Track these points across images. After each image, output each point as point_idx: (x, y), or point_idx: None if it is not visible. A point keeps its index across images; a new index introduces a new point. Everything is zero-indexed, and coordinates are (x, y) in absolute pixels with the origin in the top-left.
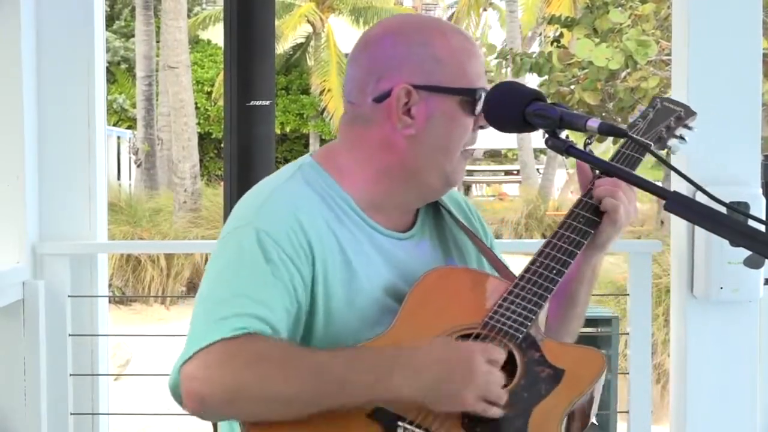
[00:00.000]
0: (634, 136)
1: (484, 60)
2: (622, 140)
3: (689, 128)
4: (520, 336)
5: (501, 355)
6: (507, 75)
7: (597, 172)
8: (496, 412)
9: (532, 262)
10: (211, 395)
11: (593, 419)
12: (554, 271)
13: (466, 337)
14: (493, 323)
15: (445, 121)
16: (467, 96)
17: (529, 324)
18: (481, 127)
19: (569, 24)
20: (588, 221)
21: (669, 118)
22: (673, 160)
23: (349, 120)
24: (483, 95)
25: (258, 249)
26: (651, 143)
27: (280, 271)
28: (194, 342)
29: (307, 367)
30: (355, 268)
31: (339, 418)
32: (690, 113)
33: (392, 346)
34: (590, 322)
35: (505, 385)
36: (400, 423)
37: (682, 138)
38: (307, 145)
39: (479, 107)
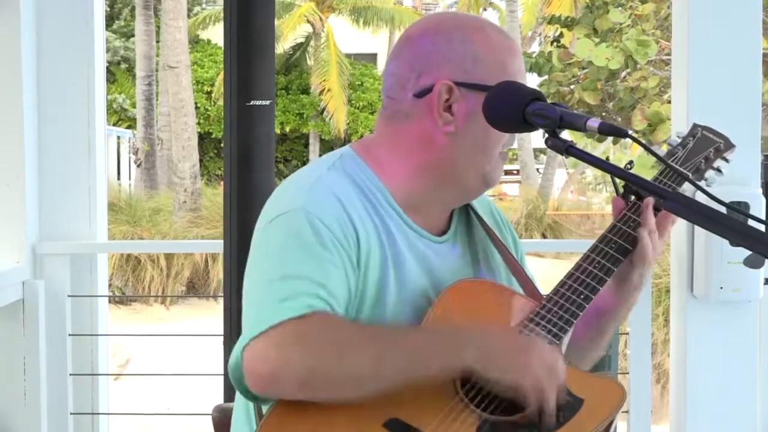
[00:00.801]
0: (634, 135)
1: (523, 59)
2: (659, 169)
3: (727, 161)
4: None
5: (563, 367)
6: None
7: (633, 198)
8: (547, 408)
9: (561, 285)
10: (287, 376)
11: None
12: (582, 297)
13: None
14: None
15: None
16: None
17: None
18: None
19: (569, 24)
20: (620, 248)
21: (709, 149)
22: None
23: (388, 115)
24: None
25: (311, 232)
26: (689, 174)
27: (334, 255)
28: (259, 322)
29: (381, 343)
30: (389, 266)
31: (353, 425)
32: (729, 146)
33: (462, 326)
34: None
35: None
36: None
37: (719, 170)
38: (307, 145)
39: None
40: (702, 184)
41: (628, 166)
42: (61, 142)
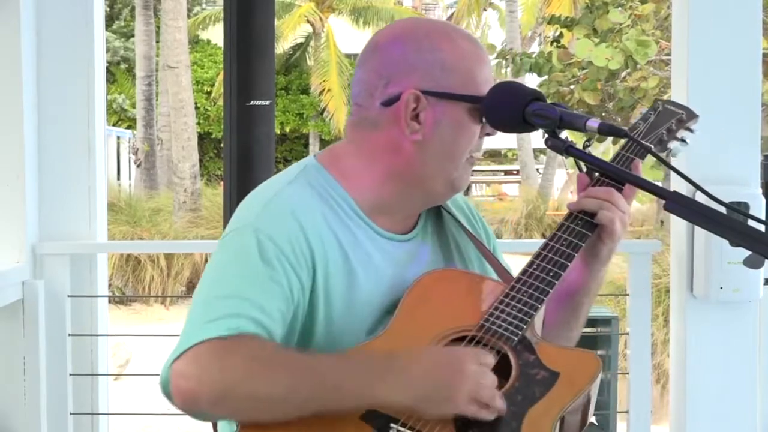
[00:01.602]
0: (635, 137)
1: (492, 67)
2: (622, 142)
3: (691, 131)
4: (516, 339)
5: (490, 359)
6: (507, 75)
7: (596, 175)
8: (488, 414)
9: (529, 265)
10: (201, 393)
11: (593, 420)
12: (551, 274)
13: (462, 339)
14: (488, 326)
15: (453, 127)
16: (475, 103)
17: (524, 327)
18: (488, 134)
19: (569, 24)
20: (586, 224)
21: (670, 120)
22: (673, 161)
23: (356, 122)
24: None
25: (257, 251)
26: (651, 146)
27: (279, 274)
28: (186, 340)
29: (298, 369)
30: (356, 271)
31: (331, 420)
32: (692, 116)
33: (384, 352)
34: (590, 322)
35: (500, 388)
36: (392, 425)
37: (683, 140)
38: (306, 145)
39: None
40: (667, 155)
41: (587, 144)
42: (61, 143)
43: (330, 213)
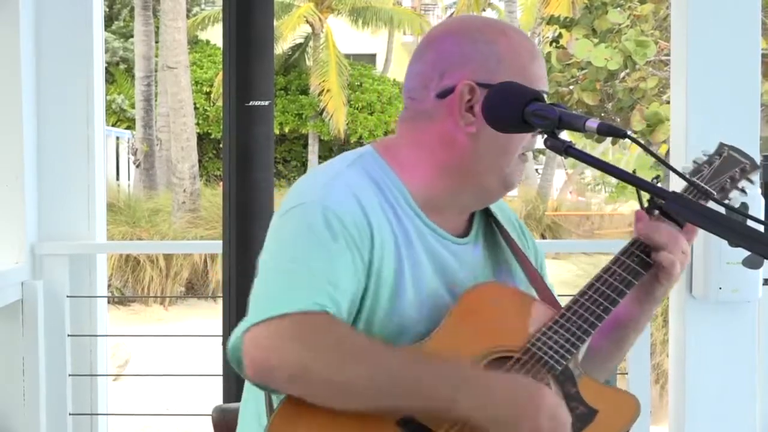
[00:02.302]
0: (632, 136)
1: (545, 63)
2: (684, 187)
3: (752, 182)
4: (560, 368)
5: (567, 417)
6: None
7: (656, 212)
8: None
9: (581, 294)
10: (278, 367)
11: None
12: (602, 308)
13: (505, 359)
14: (534, 350)
15: None
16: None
17: (569, 357)
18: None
19: (568, 24)
20: (641, 261)
21: (734, 168)
22: (672, 161)
23: (409, 116)
24: (544, 96)
25: (325, 227)
26: (719, 195)
27: (346, 252)
28: (265, 308)
29: (382, 365)
30: (404, 265)
31: (367, 423)
32: (755, 167)
33: (469, 364)
34: None
35: None
36: None
37: (743, 191)
38: (306, 146)
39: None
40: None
41: (655, 180)
42: (60, 143)
43: (385, 202)
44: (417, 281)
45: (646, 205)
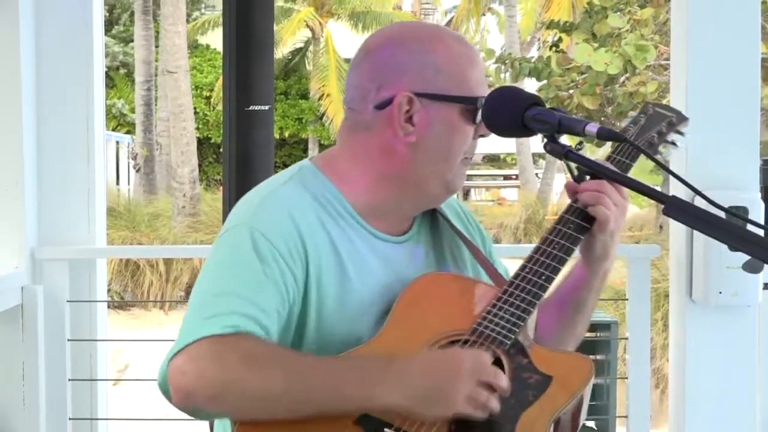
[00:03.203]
0: (633, 141)
1: (484, 67)
2: (614, 145)
3: (681, 134)
4: (509, 342)
5: (487, 357)
6: (506, 80)
7: (587, 177)
8: (483, 414)
9: (522, 268)
10: (197, 389)
11: (591, 424)
12: (543, 278)
13: (455, 343)
14: (481, 329)
15: (446, 128)
16: (468, 104)
17: (517, 330)
18: (482, 136)
19: (568, 29)
20: (578, 227)
21: (661, 123)
22: (672, 165)
23: (349, 126)
24: (483, 103)
25: (252, 249)
26: (647, 150)
27: (274, 271)
28: (183, 337)
29: (295, 369)
30: (349, 271)
31: (325, 423)
32: (682, 118)
33: (380, 356)
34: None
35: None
36: (386, 430)
37: (673, 143)
38: (306, 150)
39: (479, 116)
40: (658, 157)
41: (578, 147)
42: (60, 147)
43: (324, 214)
44: (365, 285)
45: (576, 174)
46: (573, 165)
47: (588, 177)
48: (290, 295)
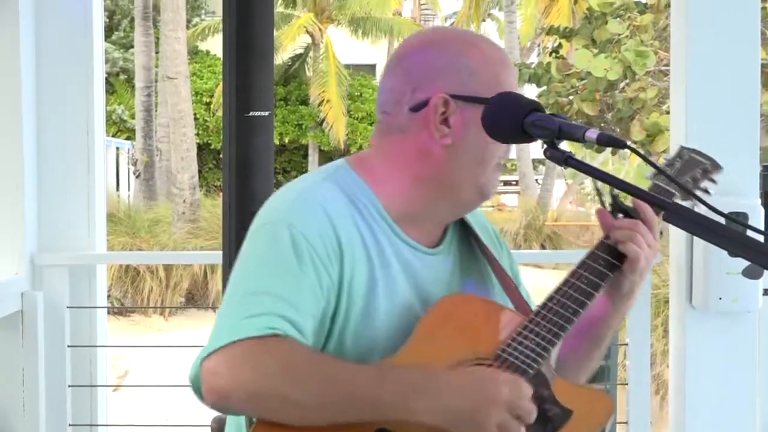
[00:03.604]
0: (632, 146)
1: (517, 71)
2: (650, 185)
3: (714, 182)
4: (532, 372)
5: (528, 391)
6: None
7: (620, 215)
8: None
9: (549, 299)
10: (232, 392)
11: None
12: (570, 311)
13: (477, 367)
14: (505, 356)
15: (481, 131)
16: None
17: (541, 361)
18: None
19: (568, 35)
20: (608, 264)
21: (695, 169)
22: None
23: (383, 130)
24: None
25: (291, 247)
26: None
27: (311, 272)
28: (220, 336)
29: (332, 378)
30: (377, 280)
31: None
32: (716, 167)
33: (419, 368)
34: None
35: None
36: None
37: (706, 191)
38: (305, 156)
39: None
40: (688, 204)
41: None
42: (60, 153)
43: (358, 217)
44: (391, 295)
45: (609, 209)
46: (606, 197)
47: (621, 215)
48: (325, 296)
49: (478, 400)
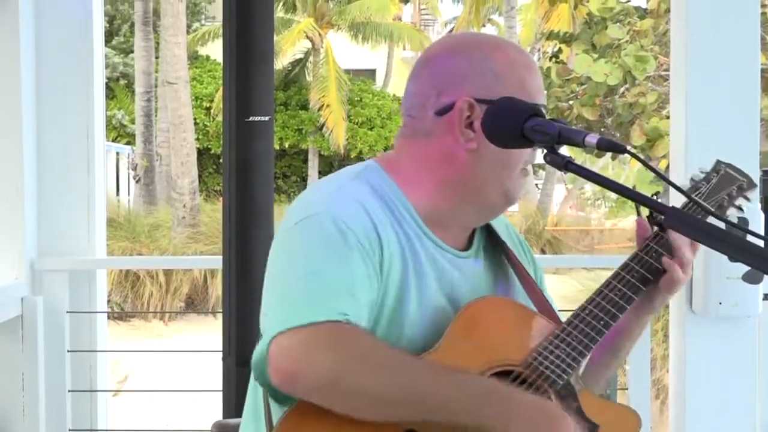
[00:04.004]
0: (632, 151)
1: (542, 76)
2: (684, 203)
3: (748, 200)
4: (561, 383)
5: None
6: None
7: (655, 228)
8: None
9: (582, 309)
10: (307, 376)
11: None
12: (602, 323)
13: (506, 373)
14: (536, 365)
15: None
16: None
17: (571, 372)
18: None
19: (568, 39)
20: (642, 278)
21: (731, 186)
22: (672, 176)
23: (408, 134)
24: (543, 111)
25: (339, 236)
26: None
27: (360, 261)
28: (289, 317)
29: (411, 377)
30: (410, 278)
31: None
32: (752, 185)
33: (491, 379)
34: None
35: None
36: None
37: (740, 209)
38: (306, 161)
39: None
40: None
41: (655, 196)
42: (60, 158)
43: (390, 214)
44: (421, 294)
45: (645, 217)
46: (642, 208)
47: (656, 228)
48: (374, 284)
49: (540, 425)
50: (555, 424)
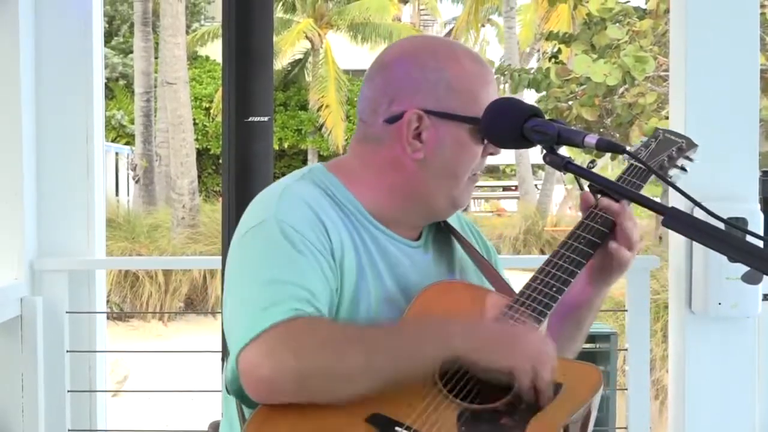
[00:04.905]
0: (632, 153)
1: (497, 87)
2: (624, 167)
3: (690, 159)
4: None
5: (554, 352)
6: (505, 91)
7: (599, 195)
8: (541, 386)
9: (533, 279)
10: (279, 379)
11: None
12: (554, 289)
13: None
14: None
15: (455, 147)
16: (477, 125)
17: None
18: (491, 154)
19: (567, 40)
20: (589, 243)
21: (671, 148)
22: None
23: (360, 137)
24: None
25: (285, 240)
26: (652, 167)
27: (310, 259)
28: (248, 330)
29: (370, 341)
30: (366, 268)
31: (336, 423)
32: (691, 145)
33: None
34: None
35: (502, 398)
36: (397, 428)
37: (683, 168)
38: (305, 161)
39: None
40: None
41: (590, 165)
42: (59, 159)
43: (338, 209)
44: (377, 283)
45: (586, 188)
46: (583, 181)
47: (599, 195)
48: (329, 281)
49: (516, 332)
50: (523, 336)
